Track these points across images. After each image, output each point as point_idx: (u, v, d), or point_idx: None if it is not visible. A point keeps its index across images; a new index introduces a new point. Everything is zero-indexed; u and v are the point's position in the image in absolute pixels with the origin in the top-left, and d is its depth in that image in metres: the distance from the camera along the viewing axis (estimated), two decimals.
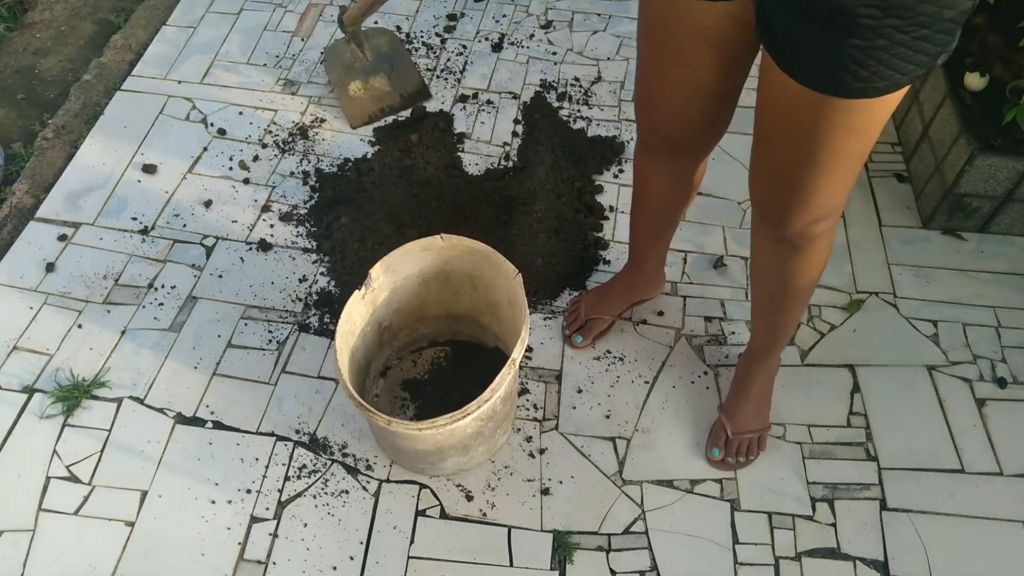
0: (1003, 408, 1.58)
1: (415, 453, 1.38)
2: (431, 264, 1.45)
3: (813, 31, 0.88)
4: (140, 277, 1.74)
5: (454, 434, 1.29)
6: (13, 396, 1.55)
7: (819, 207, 1.10)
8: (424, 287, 1.49)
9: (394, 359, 1.62)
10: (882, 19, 0.82)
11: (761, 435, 1.50)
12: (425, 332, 1.62)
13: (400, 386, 1.59)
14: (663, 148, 1.31)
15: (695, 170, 1.37)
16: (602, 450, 1.52)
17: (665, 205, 1.45)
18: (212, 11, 2.34)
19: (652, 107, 1.24)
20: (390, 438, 1.37)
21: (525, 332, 1.27)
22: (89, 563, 1.37)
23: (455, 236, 1.39)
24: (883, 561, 1.40)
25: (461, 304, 1.55)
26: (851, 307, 1.72)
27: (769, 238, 1.23)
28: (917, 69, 0.88)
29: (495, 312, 1.51)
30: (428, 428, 1.21)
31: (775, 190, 1.13)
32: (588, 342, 1.64)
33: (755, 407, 1.50)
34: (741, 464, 1.49)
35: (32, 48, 2.26)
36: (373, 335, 1.49)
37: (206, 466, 1.48)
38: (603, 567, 1.38)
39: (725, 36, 1.05)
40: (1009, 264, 1.80)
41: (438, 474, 1.47)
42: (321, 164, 1.96)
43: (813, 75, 0.92)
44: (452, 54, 2.24)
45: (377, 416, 1.22)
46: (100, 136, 2.00)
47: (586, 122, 2.07)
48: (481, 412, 1.24)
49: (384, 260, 1.38)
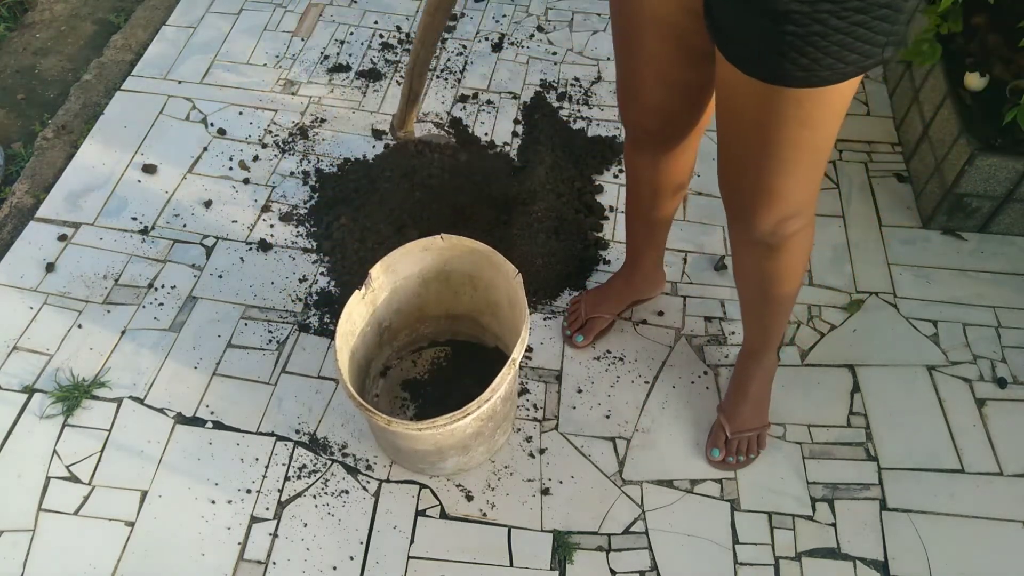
0: (1003, 408, 1.58)
1: (415, 453, 1.38)
2: (431, 264, 1.45)
3: (751, 19, 0.88)
4: (140, 277, 1.74)
5: (454, 434, 1.29)
6: (13, 396, 1.55)
7: (785, 204, 1.10)
8: (424, 287, 1.49)
9: (394, 359, 1.62)
10: (815, 3, 0.82)
11: (760, 433, 1.50)
12: (425, 332, 1.62)
13: (400, 386, 1.59)
14: (646, 140, 1.32)
15: (681, 161, 1.37)
16: (602, 450, 1.52)
17: (656, 199, 1.45)
18: (212, 11, 2.34)
19: (628, 100, 1.25)
20: (390, 438, 1.37)
21: (525, 332, 1.27)
22: (89, 563, 1.37)
23: (455, 236, 1.39)
24: (883, 561, 1.40)
25: (461, 304, 1.55)
26: (851, 307, 1.72)
27: (743, 240, 1.23)
28: (862, 59, 0.87)
29: (495, 312, 1.51)
30: (428, 428, 1.21)
31: (740, 188, 1.14)
32: (589, 341, 1.64)
33: (753, 406, 1.50)
34: (742, 463, 1.49)
35: (32, 48, 2.26)
36: (373, 335, 1.49)
37: (206, 466, 1.48)
38: (603, 567, 1.38)
39: (681, 27, 1.05)
40: (1009, 264, 1.80)
41: (438, 474, 1.47)
42: (321, 164, 1.96)
43: (756, 65, 0.92)
44: (452, 54, 2.24)
45: (377, 416, 1.22)
46: (100, 136, 2.00)
47: (586, 122, 2.07)
48: (481, 412, 1.24)
49: (384, 260, 1.38)
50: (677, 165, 1.37)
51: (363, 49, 2.24)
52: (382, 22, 2.32)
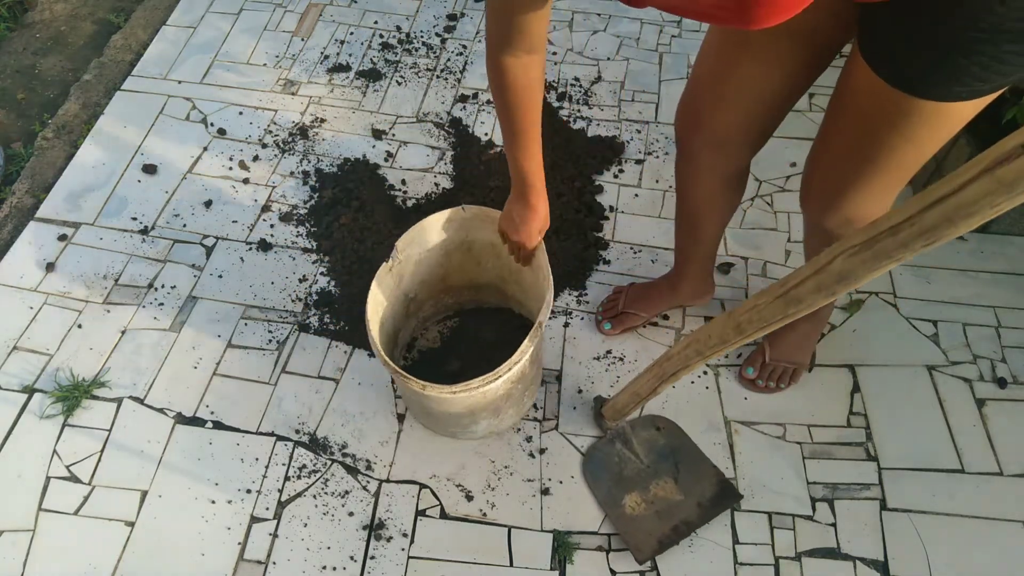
0: (1003, 408, 1.58)
1: (449, 417, 1.40)
2: (454, 235, 1.47)
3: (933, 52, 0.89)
4: (140, 277, 1.74)
5: (486, 396, 1.31)
6: (13, 396, 1.55)
7: (856, 209, 1.16)
8: (447, 257, 1.52)
9: (420, 330, 1.65)
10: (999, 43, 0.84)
11: (797, 368, 1.55)
12: (449, 302, 1.65)
13: (425, 354, 1.63)
14: (710, 149, 1.29)
15: (743, 173, 1.37)
16: None
17: (711, 211, 1.44)
18: (212, 11, 2.34)
19: (715, 101, 1.21)
20: (424, 403, 1.38)
21: (550, 296, 1.30)
22: (89, 563, 1.37)
23: (476, 206, 1.41)
24: (883, 561, 1.40)
25: (484, 273, 1.58)
26: (851, 307, 1.72)
27: (812, 220, 1.28)
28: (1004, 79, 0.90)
29: (518, 280, 1.53)
30: (462, 391, 1.24)
31: (825, 181, 1.18)
32: (616, 332, 1.65)
33: (799, 339, 1.55)
34: (771, 389, 1.54)
35: (32, 48, 2.26)
36: (400, 306, 1.51)
37: (206, 466, 1.48)
38: (603, 567, 1.38)
39: (818, 31, 1.04)
40: (1009, 264, 1.80)
41: (470, 438, 1.50)
42: (321, 164, 1.96)
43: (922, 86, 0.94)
44: (452, 54, 2.24)
45: (412, 382, 1.24)
46: (100, 136, 2.00)
47: (586, 122, 2.07)
48: (511, 374, 1.27)
49: (408, 232, 1.40)
50: (739, 179, 1.38)
51: (363, 49, 2.24)
52: (382, 22, 2.32)
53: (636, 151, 2.01)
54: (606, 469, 1.48)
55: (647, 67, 2.22)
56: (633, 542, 1.39)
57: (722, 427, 1.55)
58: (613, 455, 1.49)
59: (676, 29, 2.33)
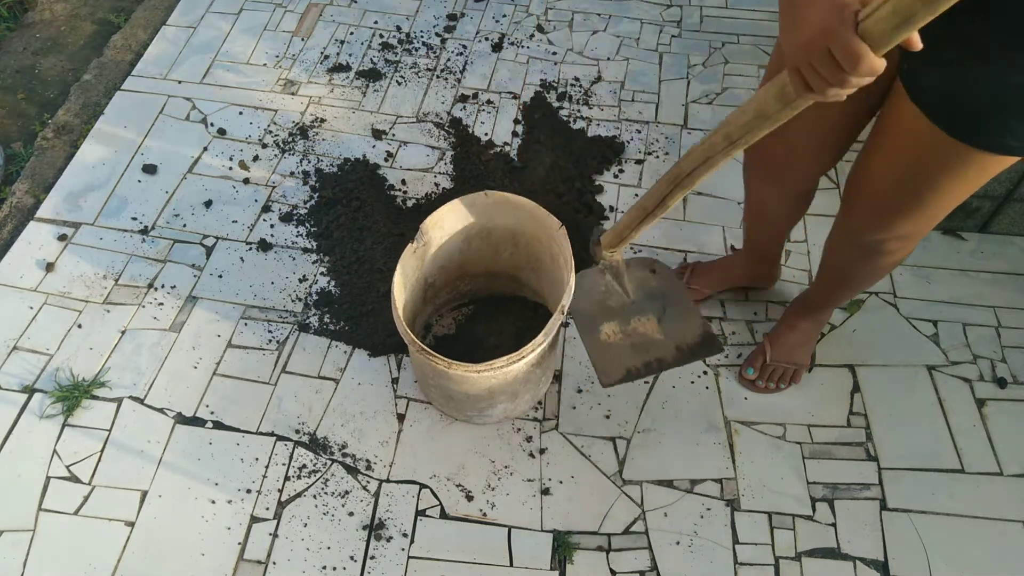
0: (1003, 408, 1.58)
1: (467, 399, 1.41)
2: (475, 220, 1.48)
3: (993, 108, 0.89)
4: (140, 277, 1.74)
5: (506, 377, 1.33)
6: (13, 396, 1.55)
7: (897, 229, 1.15)
8: (466, 244, 1.53)
9: (435, 317, 1.66)
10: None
11: (797, 369, 1.55)
12: (464, 289, 1.66)
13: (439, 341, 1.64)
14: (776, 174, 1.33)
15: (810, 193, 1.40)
16: (602, 450, 1.52)
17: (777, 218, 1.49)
18: (212, 11, 2.34)
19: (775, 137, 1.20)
20: (443, 384, 1.39)
21: (572, 280, 1.30)
22: (89, 563, 1.37)
23: (499, 192, 1.42)
24: (883, 561, 1.40)
25: (501, 261, 1.59)
26: (851, 307, 1.72)
27: (845, 232, 1.28)
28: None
29: (536, 267, 1.54)
30: (486, 370, 1.26)
31: (868, 201, 1.17)
32: None
33: (800, 339, 1.55)
34: (770, 390, 1.54)
35: (32, 48, 2.26)
36: (419, 291, 1.52)
37: (206, 466, 1.48)
38: (603, 567, 1.38)
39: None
40: (1009, 264, 1.80)
41: (486, 421, 1.51)
42: (321, 164, 1.96)
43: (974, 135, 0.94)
44: (452, 54, 2.24)
45: (438, 360, 1.25)
46: (100, 136, 2.00)
47: (586, 122, 2.07)
48: (532, 358, 1.29)
49: (433, 215, 1.41)
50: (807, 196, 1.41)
51: (363, 49, 2.24)
52: (382, 22, 2.32)
53: (636, 151, 2.01)
54: (590, 295, 1.41)
55: (647, 67, 2.22)
56: (602, 365, 1.35)
57: (722, 427, 1.55)
58: (600, 284, 1.42)
59: (676, 29, 2.33)
